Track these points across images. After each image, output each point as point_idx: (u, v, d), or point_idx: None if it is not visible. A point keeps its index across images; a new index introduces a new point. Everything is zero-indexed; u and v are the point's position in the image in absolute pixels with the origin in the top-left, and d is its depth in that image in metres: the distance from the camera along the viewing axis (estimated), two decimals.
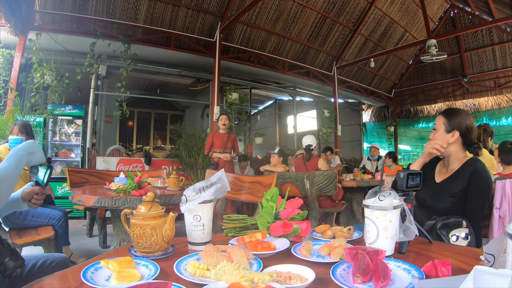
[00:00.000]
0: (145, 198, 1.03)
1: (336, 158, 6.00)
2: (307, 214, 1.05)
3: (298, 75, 7.77)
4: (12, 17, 4.28)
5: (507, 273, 0.42)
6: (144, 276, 0.71)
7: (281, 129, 11.07)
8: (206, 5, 5.94)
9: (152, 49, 5.72)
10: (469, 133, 1.39)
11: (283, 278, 0.66)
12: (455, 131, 1.39)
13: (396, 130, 9.81)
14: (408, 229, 0.84)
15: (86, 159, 5.10)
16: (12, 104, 4.34)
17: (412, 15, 8.18)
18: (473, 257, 0.82)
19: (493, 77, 8.30)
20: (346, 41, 8.00)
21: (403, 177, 1.01)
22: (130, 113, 5.52)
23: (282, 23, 6.94)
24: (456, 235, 1.22)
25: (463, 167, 1.37)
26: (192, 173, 5.58)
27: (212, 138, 4.22)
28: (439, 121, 1.45)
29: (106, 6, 5.28)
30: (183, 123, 7.18)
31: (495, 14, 6.94)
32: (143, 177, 2.14)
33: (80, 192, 2.01)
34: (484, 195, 1.35)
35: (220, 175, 1.00)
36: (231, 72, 6.78)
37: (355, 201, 4.30)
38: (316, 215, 3.27)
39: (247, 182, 2.43)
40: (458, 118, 1.40)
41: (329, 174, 3.19)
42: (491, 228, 1.64)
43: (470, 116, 1.44)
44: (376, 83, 9.70)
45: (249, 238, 0.89)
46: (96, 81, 5.60)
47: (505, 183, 1.62)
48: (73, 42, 5.14)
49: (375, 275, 0.64)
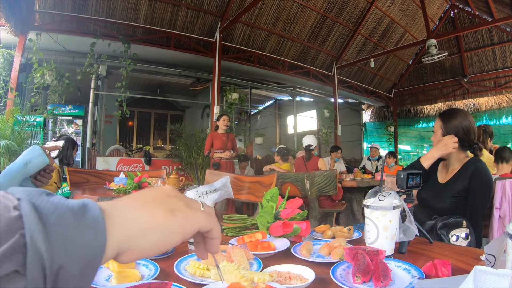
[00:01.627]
0: None
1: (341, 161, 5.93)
2: (307, 214, 1.05)
3: (298, 75, 7.77)
4: (12, 17, 4.28)
5: (507, 273, 0.42)
6: (144, 276, 0.70)
7: (281, 129, 11.07)
8: (206, 5, 5.94)
9: (152, 49, 5.72)
10: (466, 136, 1.39)
11: (283, 278, 0.66)
12: (451, 135, 1.39)
13: (396, 130, 9.80)
14: (408, 229, 0.84)
15: (86, 159, 5.10)
16: (12, 104, 4.34)
17: (412, 15, 8.18)
18: (473, 257, 0.82)
19: (493, 77, 8.30)
20: (346, 41, 8.00)
21: (403, 177, 1.01)
22: (130, 113, 5.52)
23: (282, 23, 6.94)
24: (456, 235, 1.21)
25: (464, 167, 1.37)
26: (192, 173, 5.59)
27: (211, 139, 4.20)
28: (436, 125, 1.45)
29: (106, 6, 5.28)
30: (183, 123, 7.18)
31: (495, 14, 6.94)
32: (143, 177, 2.15)
33: (80, 192, 2.01)
34: (485, 195, 1.35)
35: (224, 181, 0.99)
36: (231, 72, 6.78)
37: (355, 201, 4.29)
38: (316, 215, 3.27)
39: (247, 182, 2.43)
40: (454, 122, 1.39)
41: (329, 174, 3.19)
42: (491, 228, 1.64)
43: (469, 116, 1.42)
44: (376, 83, 9.70)
45: (249, 238, 0.89)
46: (96, 81, 5.61)
47: (505, 183, 1.62)
48: (73, 42, 5.14)
49: (375, 275, 0.64)
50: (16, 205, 0.23)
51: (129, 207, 0.30)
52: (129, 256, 0.29)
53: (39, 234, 0.22)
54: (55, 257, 0.23)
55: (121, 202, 0.31)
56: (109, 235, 0.27)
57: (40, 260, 0.22)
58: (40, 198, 0.24)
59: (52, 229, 0.23)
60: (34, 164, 1.00)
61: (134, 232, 0.29)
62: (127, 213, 0.29)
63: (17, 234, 0.22)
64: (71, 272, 0.24)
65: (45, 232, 0.23)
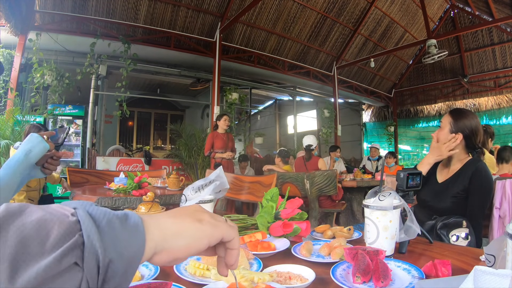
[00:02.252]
0: (145, 198, 1.03)
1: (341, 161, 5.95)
2: (307, 215, 1.05)
3: (298, 75, 7.77)
4: (12, 17, 4.28)
5: (507, 273, 0.42)
6: (144, 276, 0.70)
7: (281, 129, 11.07)
8: (206, 5, 5.94)
9: (152, 49, 5.72)
10: (473, 137, 1.39)
11: (283, 278, 0.66)
12: (459, 133, 1.39)
13: (396, 130, 9.80)
14: (409, 228, 0.84)
15: (86, 159, 5.10)
16: (12, 104, 4.35)
17: (412, 15, 8.18)
18: (473, 257, 0.82)
19: (493, 77, 8.30)
20: (346, 41, 8.00)
21: (403, 177, 1.01)
22: (130, 113, 5.53)
23: (282, 23, 6.94)
24: (456, 235, 1.21)
25: (464, 167, 1.37)
26: (192, 173, 5.59)
27: (212, 139, 4.18)
28: (445, 120, 1.44)
29: (106, 6, 5.28)
30: (183, 123, 7.18)
31: (495, 14, 6.94)
32: (143, 177, 2.14)
33: (80, 192, 2.01)
34: (485, 195, 1.35)
35: (218, 172, 1.00)
36: (231, 72, 6.78)
37: (355, 201, 4.29)
38: (316, 215, 3.27)
39: (247, 182, 2.43)
40: (464, 120, 1.39)
41: (329, 174, 3.19)
42: (491, 228, 1.64)
43: (478, 120, 1.42)
44: (376, 83, 9.70)
45: (249, 238, 0.89)
46: (96, 81, 5.60)
47: (505, 183, 1.63)
48: (73, 42, 5.14)
49: (375, 275, 0.64)
50: (73, 213, 0.29)
51: (162, 216, 0.36)
52: (163, 257, 0.34)
53: (94, 234, 0.28)
54: (107, 252, 0.28)
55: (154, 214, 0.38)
56: (148, 236, 0.32)
57: (95, 254, 0.27)
58: (92, 207, 0.30)
59: (104, 230, 0.29)
60: (36, 153, 0.98)
61: (168, 234, 0.34)
62: (161, 220, 0.35)
63: (76, 234, 0.27)
64: (118, 267, 0.29)
65: (98, 233, 0.28)
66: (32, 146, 0.97)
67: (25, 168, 0.97)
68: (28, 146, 0.97)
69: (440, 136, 1.43)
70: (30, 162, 0.98)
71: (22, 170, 0.96)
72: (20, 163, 0.95)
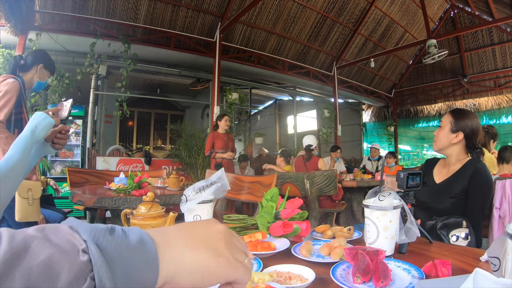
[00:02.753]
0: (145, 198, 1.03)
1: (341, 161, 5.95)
2: (307, 215, 1.05)
3: (298, 75, 7.77)
4: (12, 17, 4.28)
5: (508, 284, 0.42)
6: None
7: (281, 129, 11.07)
8: (206, 5, 5.94)
9: (152, 49, 5.72)
10: (473, 137, 1.39)
11: (283, 278, 0.66)
12: (459, 132, 1.39)
13: (396, 130, 9.80)
14: (409, 230, 0.84)
15: (86, 159, 5.10)
16: None
17: (412, 15, 8.18)
18: (473, 257, 0.82)
19: (493, 77, 8.30)
20: (346, 41, 8.00)
21: (403, 177, 1.01)
22: (130, 113, 5.52)
23: (282, 23, 6.94)
24: (456, 235, 1.21)
25: (464, 168, 1.37)
26: (192, 173, 5.58)
27: (212, 139, 4.18)
28: (446, 119, 1.45)
29: (106, 6, 5.28)
30: (183, 123, 7.17)
31: (495, 14, 6.94)
32: (143, 177, 2.14)
33: (80, 192, 2.01)
34: (485, 195, 1.35)
35: (220, 174, 1.00)
36: (231, 72, 6.78)
37: (355, 201, 4.29)
38: (316, 215, 3.27)
39: (247, 182, 2.43)
40: (465, 120, 1.40)
41: (329, 174, 3.19)
42: (491, 228, 1.64)
43: (478, 120, 1.43)
44: (376, 83, 9.70)
45: (249, 238, 0.89)
46: (96, 81, 5.60)
47: (505, 183, 1.62)
48: (73, 42, 5.14)
49: (375, 275, 0.64)
50: (84, 248, 0.27)
51: (179, 242, 0.34)
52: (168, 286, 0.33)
53: (106, 273, 0.27)
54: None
55: (172, 234, 0.35)
56: (161, 271, 0.31)
57: None
58: (105, 240, 0.29)
59: (117, 269, 0.28)
60: (41, 129, 0.99)
61: (182, 270, 0.33)
62: (177, 250, 0.33)
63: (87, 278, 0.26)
64: None
65: (110, 272, 0.27)
66: (37, 123, 0.98)
67: (32, 145, 0.98)
68: (33, 123, 0.98)
69: (440, 135, 1.44)
70: (37, 138, 0.98)
71: (30, 147, 0.97)
72: (27, 140, 0.96)
